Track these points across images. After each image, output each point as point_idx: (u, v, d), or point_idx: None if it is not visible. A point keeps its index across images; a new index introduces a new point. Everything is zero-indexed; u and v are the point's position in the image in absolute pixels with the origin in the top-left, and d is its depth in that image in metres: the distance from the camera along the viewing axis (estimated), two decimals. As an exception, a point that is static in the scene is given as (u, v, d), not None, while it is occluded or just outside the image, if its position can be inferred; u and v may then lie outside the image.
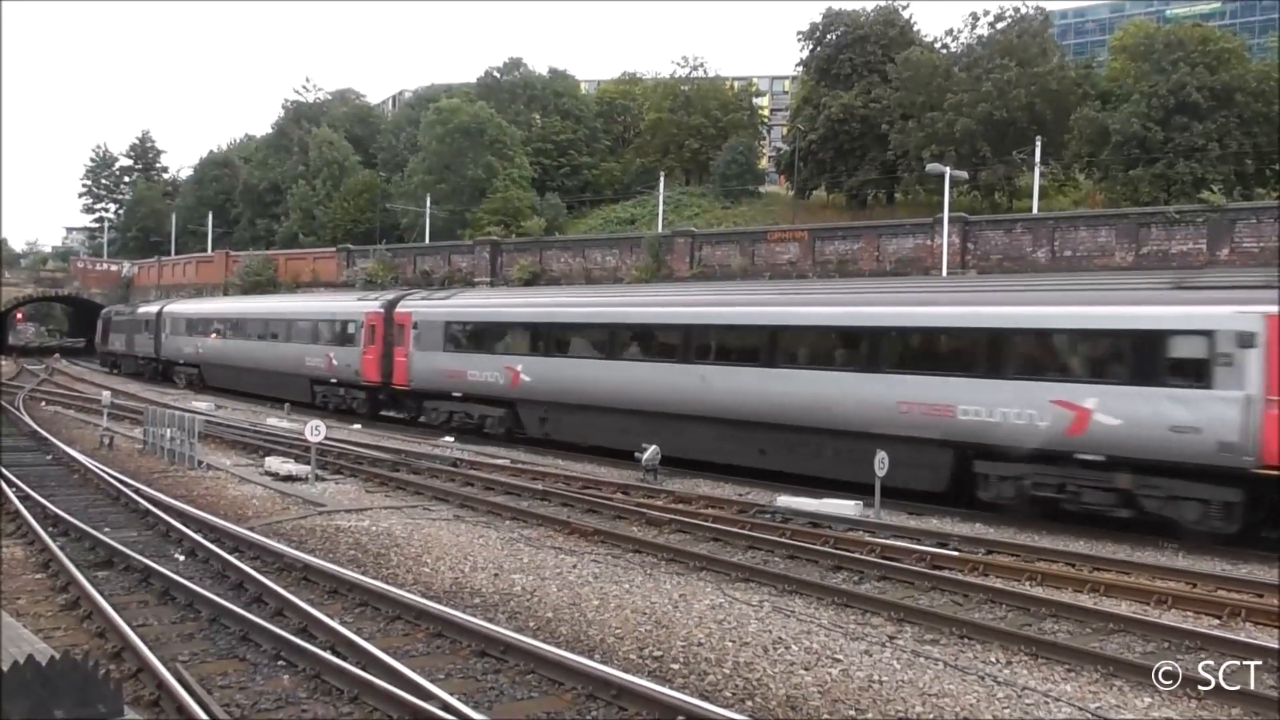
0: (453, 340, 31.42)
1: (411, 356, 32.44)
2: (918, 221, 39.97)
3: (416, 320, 32.66)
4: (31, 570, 13.44)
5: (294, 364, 39.51)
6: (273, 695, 9.05)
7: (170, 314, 54.16)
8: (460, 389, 30.60)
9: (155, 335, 54.90)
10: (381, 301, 35.63)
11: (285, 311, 43.21)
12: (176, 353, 52.52)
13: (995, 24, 55.75)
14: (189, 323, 51.50)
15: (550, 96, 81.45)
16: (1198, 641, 11.32)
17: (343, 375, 36.28)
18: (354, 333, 35.52)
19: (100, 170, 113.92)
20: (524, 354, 29.03)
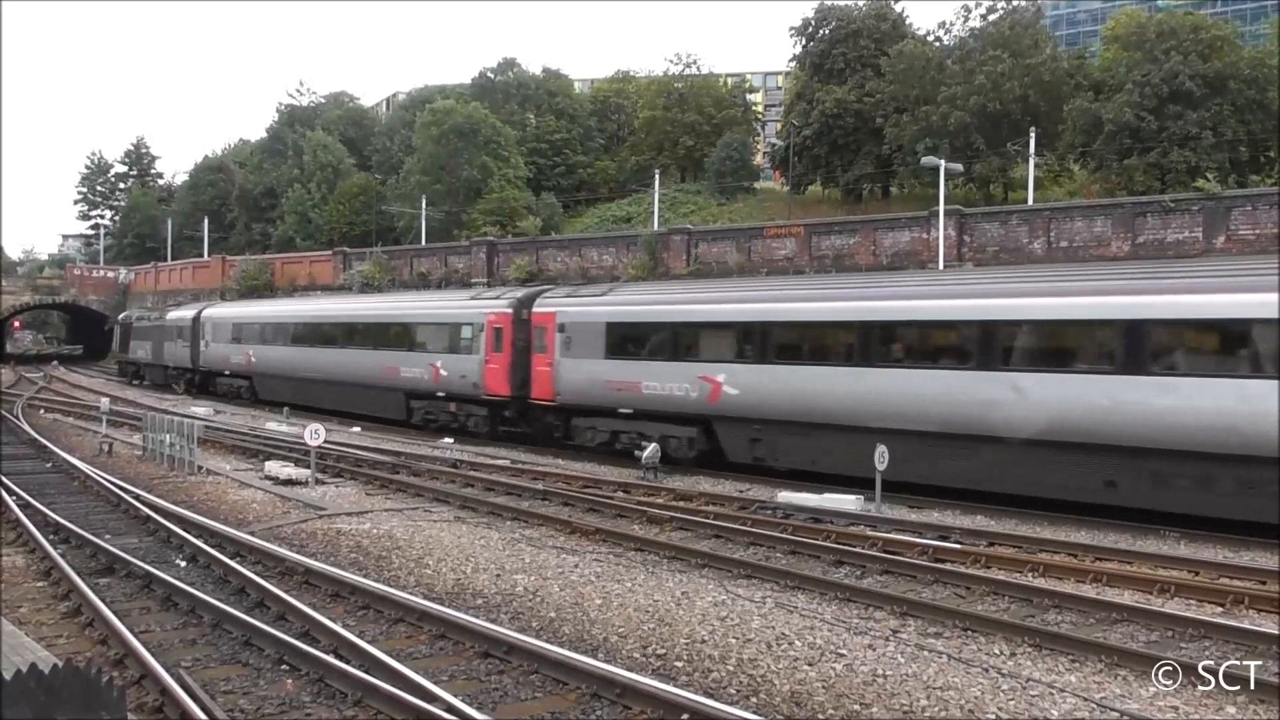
0: (618, 345, 26.44)
1: (558, 365, 27.50)
2: (913, 215, 39.95)
3: (564, 322, 27.74)
4: (33, 578, 13.42)
5: (384, 375, 34.34)
6: (276, 700, 9.04)
7: (212, 319, 48.96)
8: (629, 404, 25.61)
9: (192, 343, 50.01)
10: (509, 300, 30.55)
11: (373, 314, 37.91)
12: (220, 362, 47.48)
13: (987, 16, 55.78)
14: (237, 328, 46.50)
15: (544, 96, 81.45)
16: (1201, 630, 11.32)
17: (455, 388, 31.22)
18: (471, 338, 30.59)
19: (95, 177, 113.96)
20: (729, 361, 23.75)
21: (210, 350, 48.28)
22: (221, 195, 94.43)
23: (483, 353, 30.08)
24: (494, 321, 30.10)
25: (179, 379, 52.04)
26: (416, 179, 69.20)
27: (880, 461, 18.97)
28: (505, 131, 71.17)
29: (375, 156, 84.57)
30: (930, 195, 44.09)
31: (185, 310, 53.76)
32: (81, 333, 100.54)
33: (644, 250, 45.21)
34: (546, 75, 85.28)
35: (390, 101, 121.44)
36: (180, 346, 51.31)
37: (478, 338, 30.38)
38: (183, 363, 51.28)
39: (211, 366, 48.38)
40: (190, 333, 50.24)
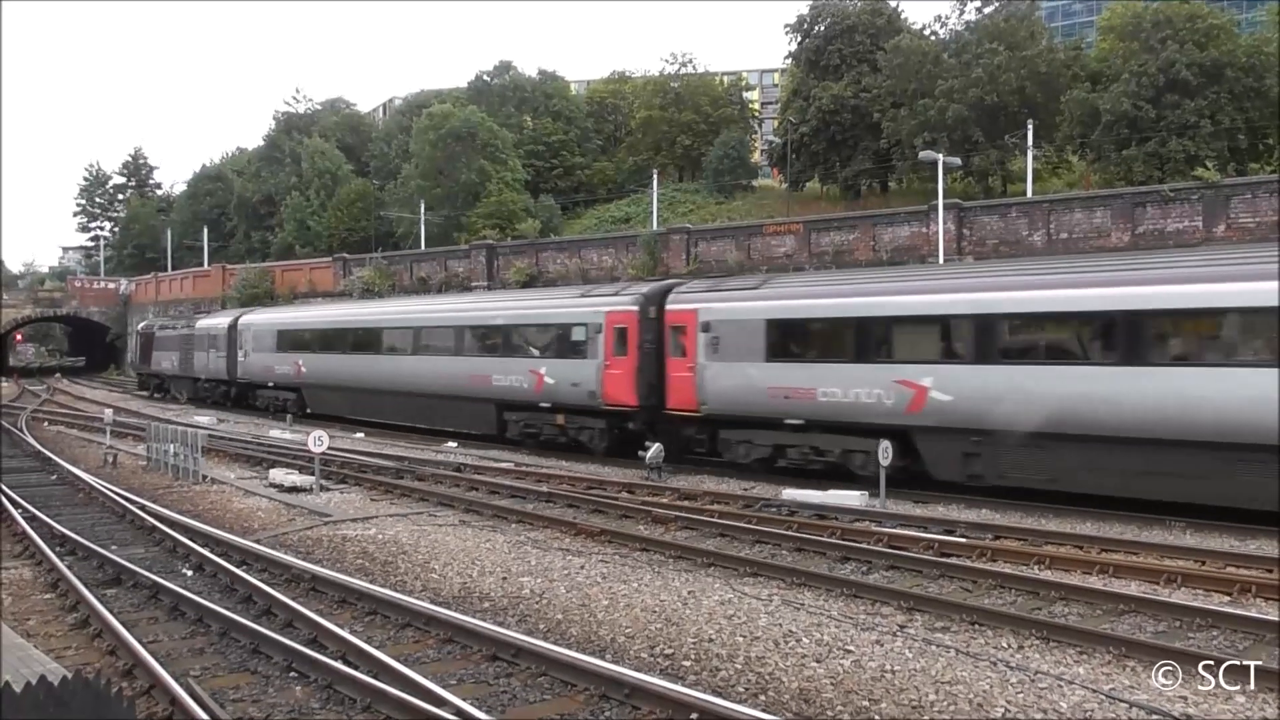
0: (783, 346, 23.13)
1: (702, 370, 24.04)
2: (912, 209, 39.92)
3: (710, 320, 24.20)
4: (40, 590, 13.43)
5: (470, 384, 30.52)
6: (285, 707, 9.04)
7: (252, 326, 44.82)
8: (799, 413, 22.21)
9: (228, 353, 45.95)
10: (634, 296, 26.69)
11: (457, 316, 33.32)
12: (262, 373, 43.33)
13: (982, 9, 55.80)
14: (283, 336, 42.43)
15: (541, 98, 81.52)
16: (1209, 619, 11.31)
17: (564, 397, 27.55)
18: (585, 340, 27.00)
19: (94, 189, 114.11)
20: (938, 361, 20.34)
21: (251, 361, 44.15)
22: (220, 204, 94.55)
23: (601, 356, 26.39)
24: (616, 321, 26.37)
25: (211, 392, 48.49)
26: (415, 184, 69.26)
27: (884, 457, 18.97)
28: (502, 134, 71.23)
29: (373, 162, 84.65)
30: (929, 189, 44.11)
31: (218, 318, 49.91)
32: (83, 345, 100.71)
33: (643, 250, 45.22)
34: (543, 77, 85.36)
35: (387, 107, 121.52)
36: (214, 357, 47.36)
37: (594, 340, 26.73)
38: (217, 375, 47.37)
39: (252, 378, 44.33)
40: (226, 342, 46.21)
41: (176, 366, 52.32)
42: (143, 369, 59.27)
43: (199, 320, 51.99)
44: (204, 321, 50.81)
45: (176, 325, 54.71)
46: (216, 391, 47.91)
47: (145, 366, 58.26)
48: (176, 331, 53.40)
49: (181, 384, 52.42)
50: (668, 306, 25.74)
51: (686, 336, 24.77)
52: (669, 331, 25.36)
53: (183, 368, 51.45)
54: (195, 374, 49.82)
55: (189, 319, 54.90)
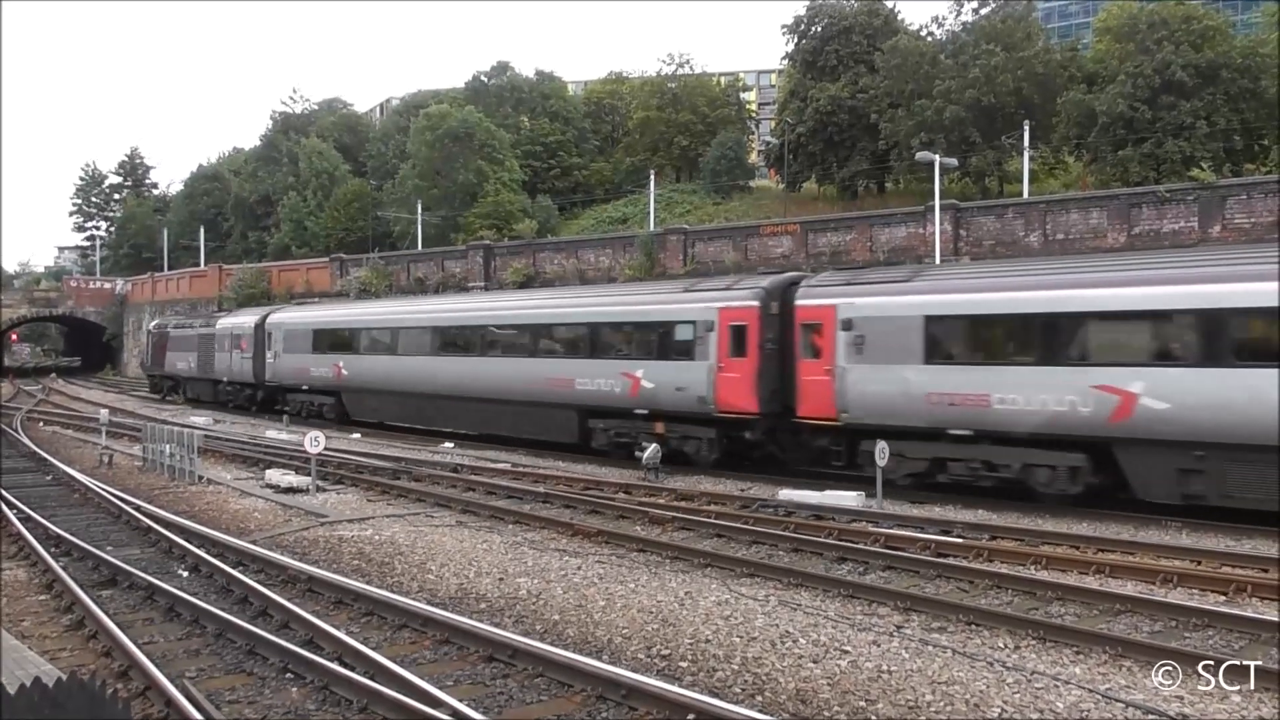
0: (945, 346, 20.47)
1: (842, 373, 21.39)
2: (909, 210, 39.96)
3: (851, 317, 21.46)
4: (35, 591, 13.41)
5: (548, 389, 27.89)
6: (281, 708, 9.03)
7: (283, 325, 41.61)
8: (967, 423, 19.58)
9: (254, 353, 42.89)
10: (753, 291, 23.98)
11: (533, 314, 30.38)
12: (294, 376, 40.25)
13: (979, 10, 55.84)
14: (320, 335, 39.26)
15: (538, 99, 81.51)
16: (1205, 619, 11.32)
17: (666, 403, 24.93)
18: (692, 339, 24.44)
19: (90, 188, 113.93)
20: (1150, 364, 17.80)
21: (281, 362, 41.07)
22: (217, 204, 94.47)
23: (713, 358, 23.81)
24: (733, 318, 23.73)
25: (234, 395, 45.65)
26: (412, 184, 69.23)
27: (881, 457, 18.98)
28: (500, 135, 71.21)
29: (370, 162, 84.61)
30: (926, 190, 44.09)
31: (243, 316, 46.71)
32: (79, 345, 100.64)
33: (641, 251, 45.25)
34: (540, 78, 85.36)
35: (384, 107, 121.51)
36: (238, 359, 44.21)
37: (704, 339, 24.12)
38: (241, 377, 44.34)
39: (282, 381, 41.23)
40: (252, 342, 43.10)
41: (194, 368, 49.24)
42: (155, 370, 56.06)
43: (220, 319, 48.41)
44: (226, 320, 47.36)
45: (194, 324, 51.17)
46: (241, 395, 45.05)
47: (158, 368, 55.02)
48: (194, 331, 50.03)
49: (199, 387, 49.39)
50: (797, 302, 22.95)
51: (822, 335, 22.10)
52: (799, 330, 22.68)
53: (201, 369, 48.29)
54: (216, 376, 46.72)
55: (208, 317, 51.71)
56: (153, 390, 56.71)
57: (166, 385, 54.22)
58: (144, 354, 57.74)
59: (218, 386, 46.93)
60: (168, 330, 53.89)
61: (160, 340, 54.34)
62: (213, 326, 47.55)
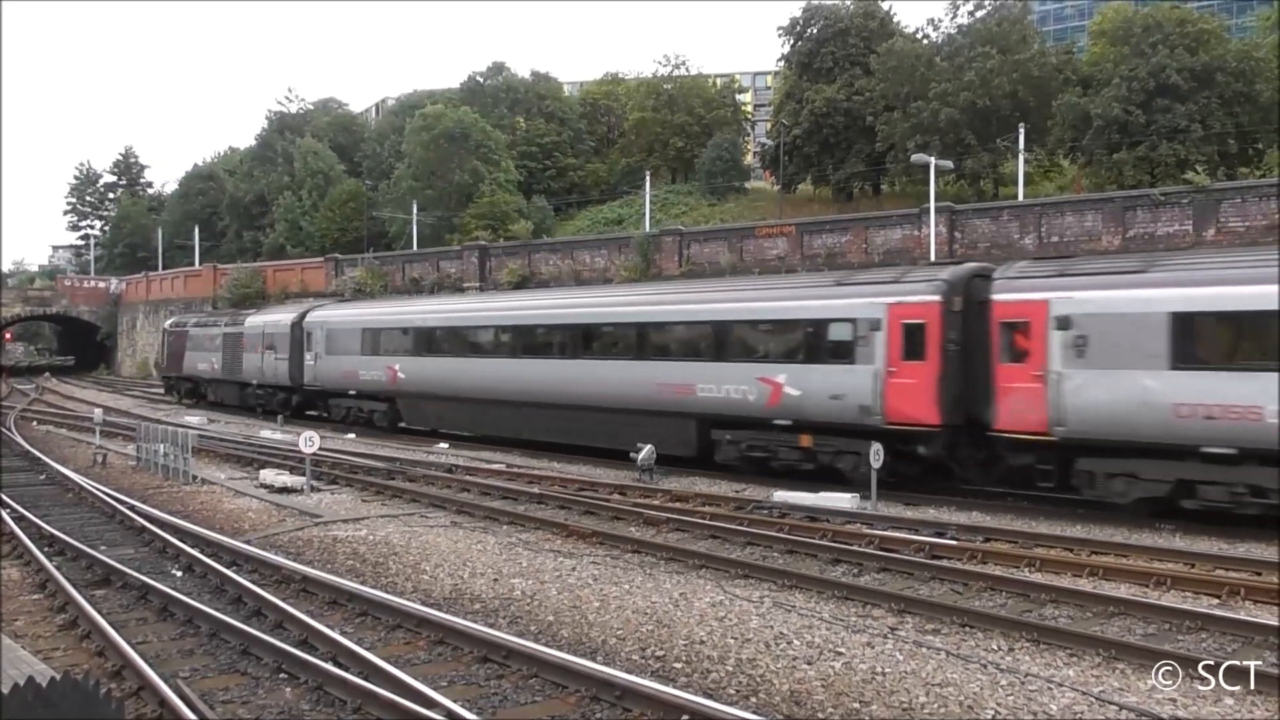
0: (1198, 348, 17.48)
1: (1058, 380, 18.37)
2: (904, 212, 39.99)
3: (1071, 314, 18.44)
4: (29, 591, 13.38)
5: (663, 395, 24.92)
6: (275, 709, 9.02)
7: (326, 324, 38.32)
8: (1229, 440, 16.57)
9: (291, 355, 39.60)
10: (936, 284, 20.97)
11: (638, 311, 27.28)
12: (339, 379, 36.97)
13: (975, 12, 55.91)
14: (372, 335, 35.91)
15: (534, 99, 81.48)
16: (1199, 622, 11.34)
17: (814, 412, 21.94)
18: (851, 340, 21.53)
19: (84, 187, 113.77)
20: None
21: (324, 365, 37.69)
22: (212, 204, 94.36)
23: (881, 361, 20.87)
24: (907, 315, 20.79)
25: (267, 399, 42.13)
26: (407, 184, 69.17)
27: (875, 460, 18.99)
28: (495, 135, 71.18)
29: (365, 162, 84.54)
30: (921, 192, 44.16)
31: (277, 314, 43.67)
32: (73, 344, 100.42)
33: (636, 252, 45.22)
34: (535, 78, 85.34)
35: (379, 107, 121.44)
36: (271, 360, 40.87)
37: (869, 339, 21.18)
38: (275, 380, 40.89)
39: (325, 385, 37.91)
40: (288, 342, 39.84)
41: (218, 369, 45.75)
42: (171, 372, 52.28)
43: (250, 317, 45.05)
44: (257, 318, 44.10)
45: (218, 322, 47.70)
46: (274, 399, 41.43)
47: (175, 369, 51.30)
48: (219, 329, 46.45)
49: (224, 390, 45.87)
50: (995, 296, 19.91)
51: (1029, 335, 19.16)
52: (996, 329, 19.68)
53: (227, 371, 44.91)
54: (244, 378, 43.41)
55: (233, 315, 48.45)
56: (168, 392, 53.22)
57: (184, 387, 50.83)
58: (158, 354, 54.12)
59: (245, 390, 43.77)
60: (187, 329, 50.30)
61: (178, 340, 50.92)
62: (241, 325, 44.17)
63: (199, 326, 49.36)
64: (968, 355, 20.26)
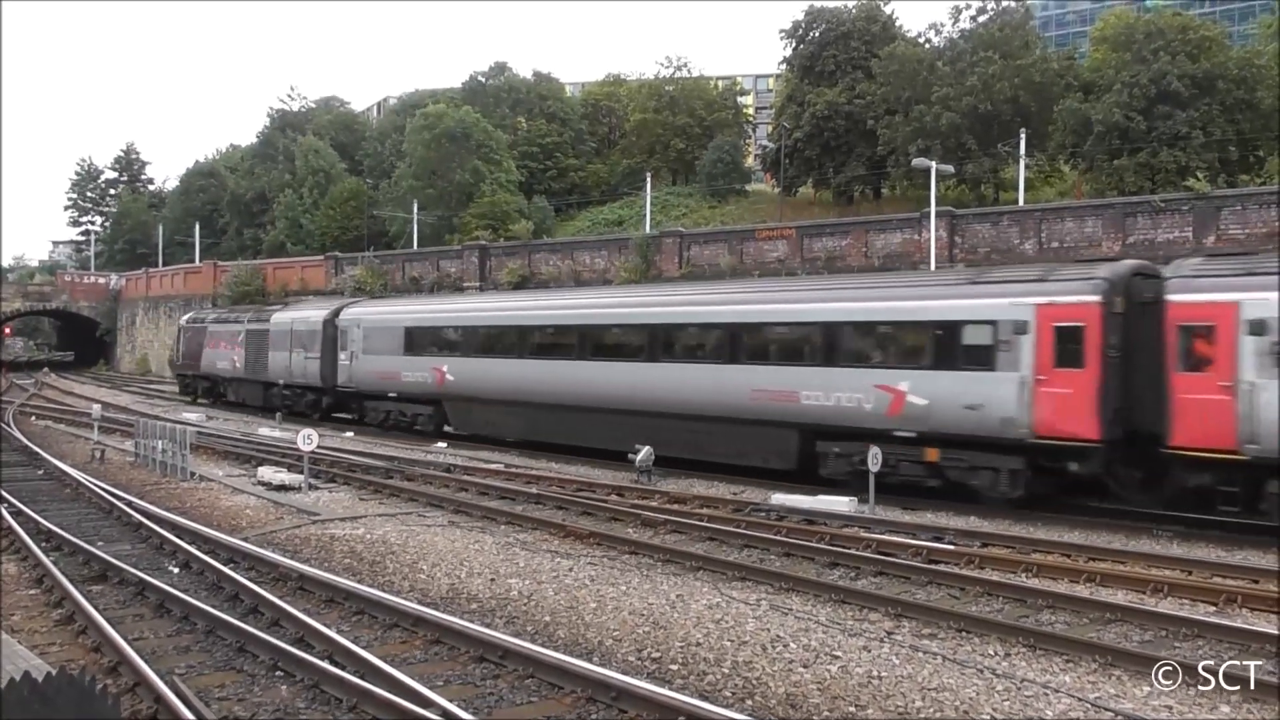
0: None
1: (1252, 392, 16.59)
2: (905, 216, 40.05)
3: (1266, 317, 16.69)
4: (25, 586, 13.38)
5: (756, 402, 22.90)
6: (271, 706, 9.02)
7: (363, 322, 35.92)
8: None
9: (323, 354, 37.19)
10: (1095, 283, 18.94)
11: (729, 311, 25.10)
12: (378, 381, 34.54)
13: (977, 17, 55.96)
14: (416, 334, 33.50)
15: (535, 100, 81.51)
16: (1195, 629, 11.34)
17: (944, 423, 19.90)
18: (991, 344, 19.44)
19: (85, 183, 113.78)
20: None
21: (361, 365, 35.28)
22: (213, 201, 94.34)
23: (1028, 368, 18.81)
24: (1059, 317, 18.77)
25: (295, 401, 39.72)
26: (408, 183, 69.18)
27: (873, 463, 18.98)
28: (497, 135, 71.20)
29: (366, 161, 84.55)
30: (921, 196, 44.19)
31: (308, 310, 41.34)
32: (73, 339, 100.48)
33: (636, 253, 45.24)
34: (537, 79, 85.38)
35: (381, 106, 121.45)
36: (300, 359, 38.45)
37: (1012, 344, 19.13)
38: (304, 379, 38.56)
39: (361, 386, 35.49)
40: (320, 340, 37.41)
41: (241, 368, 43.26)
42: (187, 370, 49.53)
43: (277, 313, 42.59)
44: (285, 315, 41.57)
45: (240, 318, 45.14)
46: (302, 401, 39.21)
47: (191, 367, 48.68)
48: (241, 326, 43.94)
49: (246, 389, 43.41)
50: (1169, 297, 17.93)
51: (1215, 341, 17.21)
52: (1173, 333, 17.69)
53: (250, 370, 42.37)
54: (269, 378, 40.86)
55: (258, 311, 45.88)
56: (183, 391, 50.61)
57: (201, 386, 48.20)
58: (173, 351, 51.07)
59: (269, 390, 41.21)
60: (206, 325, 47.71)
61: (195, 336, 48.18)
62: (267, 322, 41.70)
63: (219, 323, 46.84)
64: (1130, 362, 18.52)
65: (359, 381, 35.54)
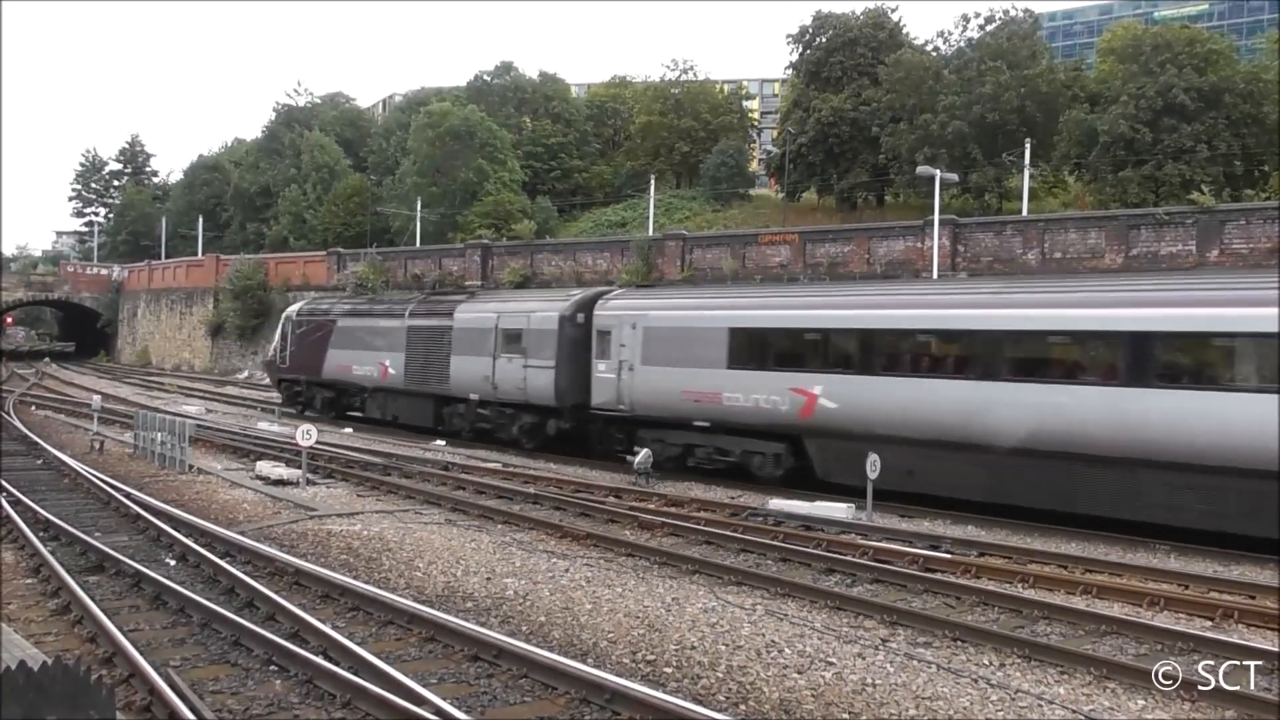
0: None
1: None
2: (908, 224, 40.04)
3: None
4: (22, 575, 13.39)
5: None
6: (265, 700, 9.02)
7: (650, 319, 25.55)
8: None
9: (562, 361, 27.18)
10: None
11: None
12: (676, 402, 24.22)
13: (985, 26, 56.01)
14: (762, 339, 23.70)
15: (540, 100, 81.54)
16: (1190, 643, 11.33)
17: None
18: None
19: (90, 174, 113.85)
20: None
21: (640, 379, 25.20)
22: (216, 194, 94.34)
23: None
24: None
25: (506, 425, 29.28)
26: (412, 181, 69.20)
27: (872, 470, 18.96)
28: (501, 135, 71.22)
29: (371, 158, 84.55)
30: (924, 204, 44.17)
31: (530, 301, 31.04)
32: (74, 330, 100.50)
33: (638, 255, 45.23)
34: (543, 79, 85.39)
35: (386, 103, 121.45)
36: (515, 368, 28.40)
37: None
38: (521, 396, 28.38)
39: (640, 408, 25.26)
40: (558, 343, 27.41)
41: (396, 375, 32.94)
42: (295, 374, 38.64)
43: (464, 304, 32.30)
44: (483, 306, 31.66)
45: (396, 309, 34.99)
46: (513, 425, 29.00)
47: (304, 370, 38.02)
48: (399, 320, 33.63)
49: (406, 404, 33.21)
50: None
51: None
52: None
53: (415, 379, 32.30)
54: (450, 391, 30.94)
55: (424, 300, 35.20)
56: (287, 402, 39.49)
57: (322, 398, 37.47)
58: (275, 351, 39.98)
59: (447, 407, 31.50)
60: (332, 318, 37.29)
61: (313, 332, 37.44)
62: (447, 316, 31.58)
63: (355, 316, 36.61)
64: None
65: (635, 402, 25.35)
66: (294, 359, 38.53)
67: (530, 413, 28.64)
